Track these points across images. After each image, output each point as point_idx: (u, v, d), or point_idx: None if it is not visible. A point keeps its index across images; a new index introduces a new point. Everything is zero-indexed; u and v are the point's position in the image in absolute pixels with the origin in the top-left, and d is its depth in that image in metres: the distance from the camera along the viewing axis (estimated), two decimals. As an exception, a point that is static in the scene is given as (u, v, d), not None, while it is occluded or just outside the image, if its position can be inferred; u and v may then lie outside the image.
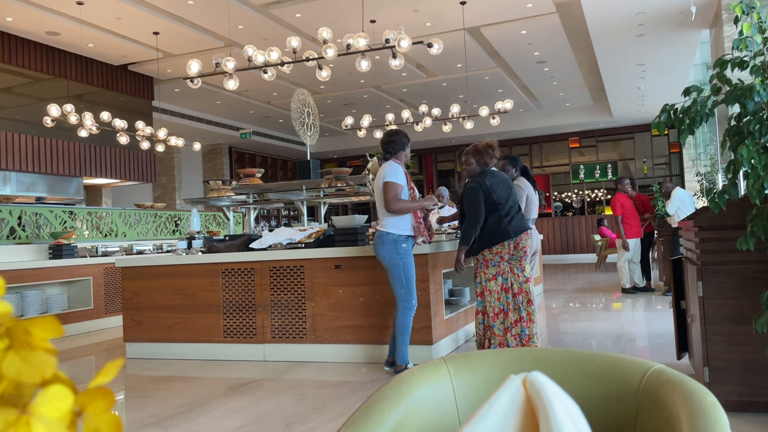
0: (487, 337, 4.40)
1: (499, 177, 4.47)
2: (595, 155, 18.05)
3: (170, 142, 10.39)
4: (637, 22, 9.34)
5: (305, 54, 6.98)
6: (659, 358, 4.56)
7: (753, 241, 2.73)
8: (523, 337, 4.30)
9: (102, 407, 0.49)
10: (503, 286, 4.34)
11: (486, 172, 4.46)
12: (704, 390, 1.13)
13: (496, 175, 4.46)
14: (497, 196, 4.35)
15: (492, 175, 4.46)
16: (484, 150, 4.49)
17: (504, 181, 4.47)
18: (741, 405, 3.18)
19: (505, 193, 4.41)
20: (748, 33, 2.85)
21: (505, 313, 4.34)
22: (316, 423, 3.37)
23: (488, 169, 4.50)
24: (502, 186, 4.41)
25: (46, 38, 9.79)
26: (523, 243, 4.36)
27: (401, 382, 1.29)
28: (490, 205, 4.35)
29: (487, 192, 4.35)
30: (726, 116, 3.61)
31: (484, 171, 4.48)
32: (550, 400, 0.97)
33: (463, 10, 8.99)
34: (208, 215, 10.66)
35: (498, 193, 4.37)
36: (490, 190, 4.35)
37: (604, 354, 1.38)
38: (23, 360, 0.47)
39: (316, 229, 5.42)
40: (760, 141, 2.72)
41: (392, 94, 14.10)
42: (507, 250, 4.34)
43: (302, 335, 5.00)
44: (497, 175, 4.48)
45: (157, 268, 5.52)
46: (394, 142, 4.33)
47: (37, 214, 7.76)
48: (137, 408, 3.87)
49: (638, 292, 8.50)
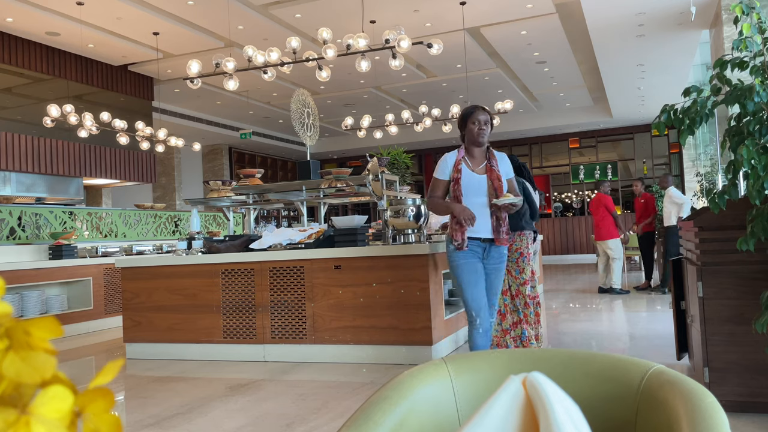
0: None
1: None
2: (595, 156, 18.05)
3: (170, 143, 10.39)
4: (637, 23, 9.34)
5: (305, 54, 6.98)
6: (659, 358, 4.56)
7: (753, 242, 2.73)
8: (523, 339, 4.28)
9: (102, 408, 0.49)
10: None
11: None
12: (704, 390, 1.13)
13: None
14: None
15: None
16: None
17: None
18: (741, 405, 3.18)
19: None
20: (748, 33, 2.85)
21: (503, 314, 4.33)
22: (316, 423, 3.37)
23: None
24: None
25: (46, 38, 9.79)
26: (516, 245, 4.32)
27: (401, 382, 1.29)
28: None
29: None
30: (726, 116, 3.61)
31: None
32: (550, 401, 0.97)
33: (463, 11, 8.99)
34: (208, 216, 10.66)
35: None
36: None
37: (604, 354, 1.38)
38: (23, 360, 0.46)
39: (316, 229, 5.42)
40: (760, 141, 2.72)
41: (392, 94, 14.10)
42: None
43: (302, 336, 5.00)
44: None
45: (157, 268, 5.52)
46: (458, 124, 3.75)
47: (37, 215, 7.76)
48: (137, 408, 3.87)
49: (616, 294, 8.54)
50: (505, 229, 3.55)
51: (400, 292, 4.72)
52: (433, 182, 3.66)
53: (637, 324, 6.44)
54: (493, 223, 3.52)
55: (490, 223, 3.52)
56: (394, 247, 4.80)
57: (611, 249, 8.50)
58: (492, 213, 3.52)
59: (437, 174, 3.62)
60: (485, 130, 3.58)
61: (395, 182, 6.16)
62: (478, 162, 3.61)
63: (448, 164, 3.59)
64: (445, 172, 3.60)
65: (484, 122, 3.58)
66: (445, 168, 3.60)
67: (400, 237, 5.21)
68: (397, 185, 6.26)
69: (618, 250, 8.54)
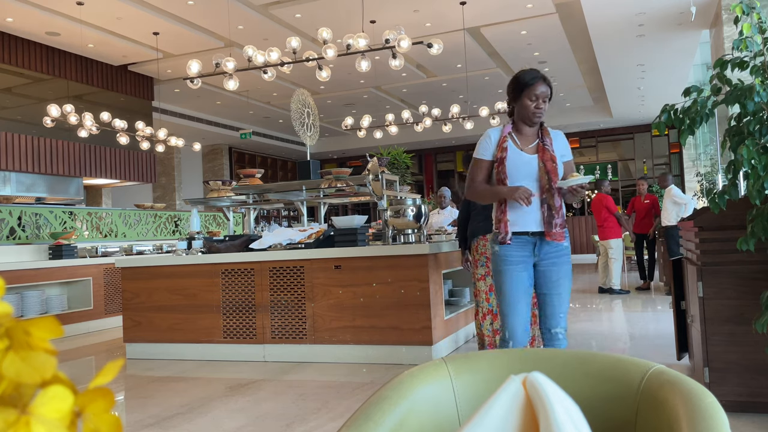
0: (479, 336, 4.42)
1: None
2: (595, 155, 18.05)
3: (170, 143, 10.39)
4: (637, 23, 9.34)
5: (305, 54, 6.98)
6: (659, 358, 4.56)
7: (753, 242, 2.73)
8: None
9: (102, 408, 0.49)
10: (492, 287, 4.35)
11: None
12: (704, 390, 1.13)
13: None
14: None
15: None
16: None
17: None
18: (741, 405, 3.18)
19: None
20: (748, 33, 2.85)
21: (494, 314, 4.33)
22: (316, 423, 3.37)
23: None
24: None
25: (46, 38, 9.79)
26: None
27: (401, 382, 1.29)
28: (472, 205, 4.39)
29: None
30: (726, 116, 3.60)
31: None
32: (550, 401, 0.97)
33: (463, 11, 8.99)
34: (208, 216, 10.66)
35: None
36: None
37: (604, 354, 1.38)
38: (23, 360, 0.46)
39: (316, 229, 5.42)
40: (760, 141, 2.72)
41: (392, 94, 14.10)
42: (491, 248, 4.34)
43: (302, 336, 5.00)
44: None
45: (157, 268, 5.52)
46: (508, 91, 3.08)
47: (37, 215, 7.76)
48: (137, 408, 3.87)
49: (616, 294, 8.55)
50: (560, 221, 2.90)
51: (400, 292, 4.72)
52: (472, 165, 3.03)
53: (637, 324, 6.43)
54: (544, 213, 2.88)
55: (540, 214, 2.89)
56: (394, 247, 4.80)
57: (612, 248, 8.52)
58: (543, 201, 2.89)
59: (478, 153, 3.00)
60: (543, 108, 2.92)
61: (395, 182, 6.16)
62: (528, 140, 2.98)
63: (492, 141, 2.98)
64: (488, 150, 2.98)
65: (544, 98, 2.91)
66: (487, 146, 2.98)
67: (400, 237, 5.21)
68: (397, 185, 6.26)
69: (618, 250, 8.55)
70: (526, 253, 2.92)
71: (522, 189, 2.77)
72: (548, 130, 3.01)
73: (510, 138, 2.95)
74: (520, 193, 2.76)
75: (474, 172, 3.01)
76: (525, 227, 2.90)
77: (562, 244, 2.94)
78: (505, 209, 2.91)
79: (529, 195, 2.76)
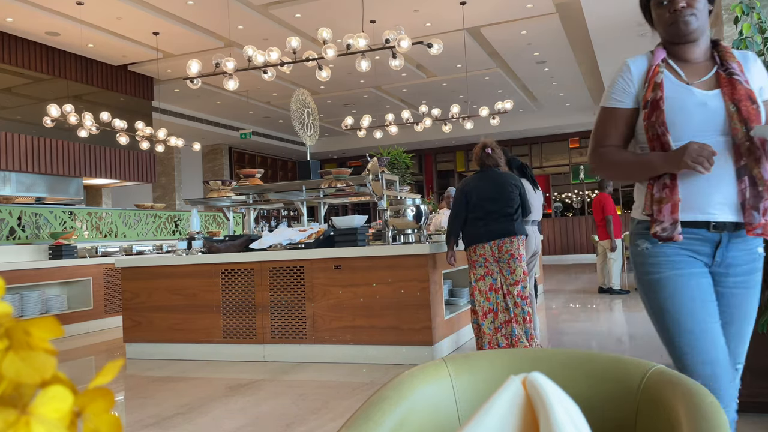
0: (479, 335, 4.43)
1: (488, 179, 4.46)
2: (595, 155, 18.04)
3: (170, 143, 10.40)
4: (637, 22, 9.33)
5: (305, 54, 6.99)
6: (659, 358, 4.56)
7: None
8: (513, 338, 4.31)
9: (102, 408, 0.49)
10: (492, 286, 4.37)
11: (478, 174, 4.53)
12: (705, 390, 1.13)
13: (485, 178, 4.48)
14: (476, 199, 4.39)
15: (481, 177, 4.49)
16: (478, 155, 4.56)
17: (495, 184, 4.44)
18: (742, 406, 3.16)
19: (489, 195, 4.40)
20: (748, 33, 2.85)
21: (495, 313, 4.36)
22: (316, 423, 3.37)
23: (484, 170, 4.53)
24: (487, 189, 4.41)
25: (46, 38, 9.79)
26: (507, 246, 4.35)
27: (401, 382, 1.29)
28: (470, 208, 4.42)
29: (468, 194, 4.43)
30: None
31: (477, 173, 4.55)
32: (550, 401, 0.97)
33: (463, 11, 8.99)
34: (208, 216, 10.66)
35: (477, 195, 4.39)
36: (470, 193, 4.42)
37: (604, 354, 1.38)
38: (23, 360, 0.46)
39: (316, 229, 5.42)
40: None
41: (392, 94, 14.10)
42: (490, 252, 4.37)
43: (302, 336, 5.00)
44: (487, 178, 4.47)
45: (156, 268, 5.52)
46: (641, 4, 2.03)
47: (37, 215, 7.76)
48: (137, 408, 3.87)
49: (615, 294, 8.54)
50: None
51: (400, 292, 4.72)
52: (600, 120, 1.88)
53: (637, 324, 6.44)
54: (743, 188, 1.70)
55: (737, 191, 1.70)
56: (394, 247, 4.80)
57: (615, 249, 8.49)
58: (741, 170, 1.70)
59: (608, 101, 1.86)
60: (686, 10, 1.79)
61: (395, 182, 6.16)
62: (698, 69, 1.83)
63: (634, 76, 1.85)
64: (626, 91, 1.84)
65: None
66: (626, 83, 1.85)
67: (400, 237, 5.21)
68: (397, 185, 6.26)
69: (617, 251, 8.55)
70: (701, 256, 1.77)
71: (698, 146, 1.61)
72: (731, 51, 1.87)
73: (666, 67, 1.81)
74: (699, 152, 1.60)
75: (602, 130, 1.86)
76: (705, 214, 1.72)
77: (755, 245, 1.80)
78: (674, 183, 1.71)
79: (711, 155, 1.61)
